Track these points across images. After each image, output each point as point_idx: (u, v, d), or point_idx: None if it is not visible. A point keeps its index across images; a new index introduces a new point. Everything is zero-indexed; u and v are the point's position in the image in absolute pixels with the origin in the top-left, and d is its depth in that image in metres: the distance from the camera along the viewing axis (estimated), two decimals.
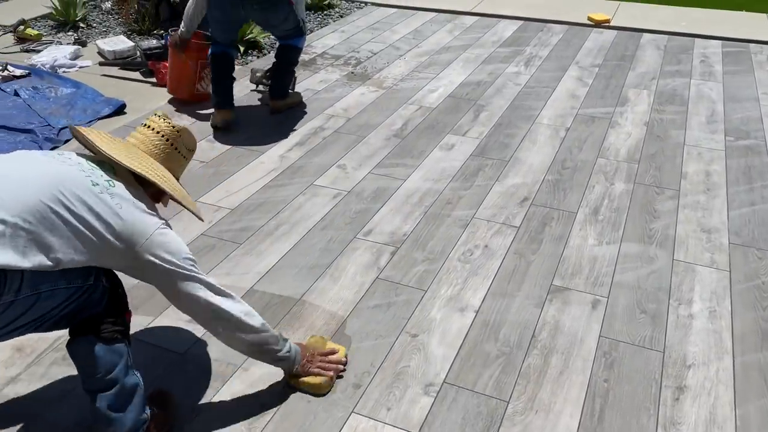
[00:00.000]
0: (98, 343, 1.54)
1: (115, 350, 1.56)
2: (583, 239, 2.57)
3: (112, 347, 1.56)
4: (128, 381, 1.59)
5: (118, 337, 1.57)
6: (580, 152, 3.25)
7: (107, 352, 1.55)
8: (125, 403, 1.58)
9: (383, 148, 3.30)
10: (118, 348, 1.57)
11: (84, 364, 1.55)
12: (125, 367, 1.58)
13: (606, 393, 1.89)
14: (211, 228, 2.65)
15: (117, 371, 1.56)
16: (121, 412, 1.57)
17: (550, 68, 4.33)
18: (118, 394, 1.56)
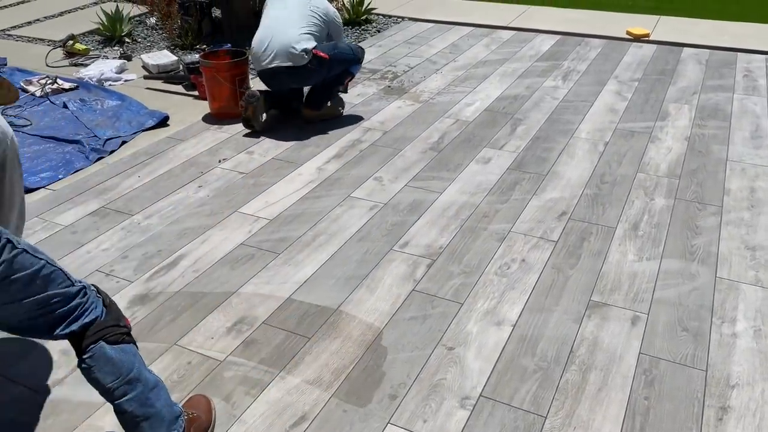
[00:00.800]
0: (109, 347, 1.55)
1: (128, 350, 1.59)
2: (622, 255, 2.54)
3: (124, 349, 1.58)
4: (149, 378, 1.61)
5: (125, 338, 1.59)
6: (619, 167, 3.21)
7: (120, 353, 1.57)
8: (154, 398, 1.60)
9: (419, 161, 3.32)
10: (130, 348, 1.59)
11: (102, 374, 1.54)
12: (141, 363, 1.61)
13: (646, 411, 1.86)
14: (250, 238, 2.70)
15: (136, 370, 1.58)
16: (152, 407, 1.59)
17: (589, 82, 4.30)
18: (144, 392, 1.58)
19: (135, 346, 1.62)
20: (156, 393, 1.61)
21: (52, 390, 1.95)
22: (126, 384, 1.56)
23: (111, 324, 1.58)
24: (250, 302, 2.31)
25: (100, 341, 1.55)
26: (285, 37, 3.44)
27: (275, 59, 3.46)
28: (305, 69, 3.49)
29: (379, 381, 1.97)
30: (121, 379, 1.55)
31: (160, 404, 1.62)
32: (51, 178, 3.18)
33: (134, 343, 1.63)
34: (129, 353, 1.59)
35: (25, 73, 4.48)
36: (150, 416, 1.59)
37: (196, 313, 2.26)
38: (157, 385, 1.63)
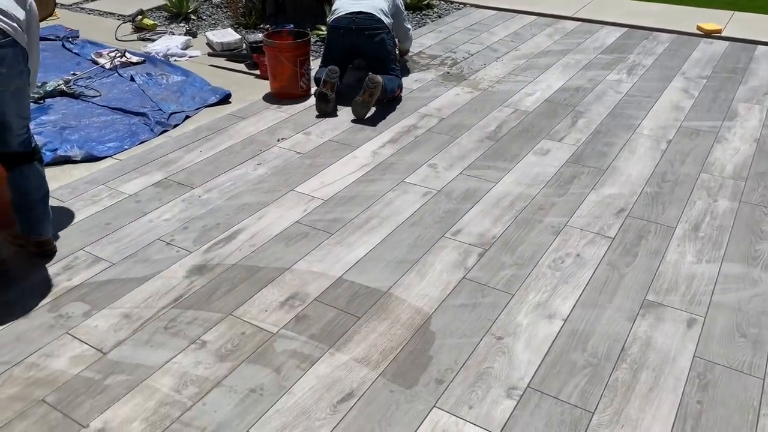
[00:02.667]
0: (40, 165, 2.38)
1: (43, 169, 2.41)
2: (681, 255, 2.48)
3: (42, 167, 2.41)
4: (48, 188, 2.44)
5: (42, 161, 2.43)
6: (682, 166, 3.12)
7: (42, 170, 2.39)
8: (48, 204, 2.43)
9: (475, 149, 3.30)
10: (43, 169, 2.42)
11: (31, 183, 2.34)
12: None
13: (698, 415, 1.82)
14: (305, 216, 2.74)
15: (46, 183, 2.41)
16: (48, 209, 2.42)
17: (654, 78, 4.18)
18: (47, 197, 2.42)
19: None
20: (48, 201, 2.42)
21: (114, 350, 2.04)
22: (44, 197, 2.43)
23: (40, 150, 2.42)
24: (303, 279, 2.36)
25: (36, 161, 2.35)
26: (372, 1, 3.78)
27: (361, 6, 3.72)
28: (379, 35, 3.68)
29: (426, 365, 1.99)
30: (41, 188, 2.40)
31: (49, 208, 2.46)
32: (117, 148, 3.30)
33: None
34: (43, 171, 2.41)
35: (95, 45, 4.64)
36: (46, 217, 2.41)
37: (251, 286, 2.32)
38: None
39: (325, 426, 1.78)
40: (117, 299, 2.25)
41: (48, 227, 2.44)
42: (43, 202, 2.40)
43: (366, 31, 3.68)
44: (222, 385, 1.91)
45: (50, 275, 2.36)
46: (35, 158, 2.35)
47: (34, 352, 2.02)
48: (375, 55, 3.75)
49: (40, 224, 2.41)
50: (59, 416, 1.81)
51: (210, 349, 2.04)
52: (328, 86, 3.61)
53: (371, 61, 3.81)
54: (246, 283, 2.33)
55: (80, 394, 1.88)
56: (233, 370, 1.96)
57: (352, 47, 3.77)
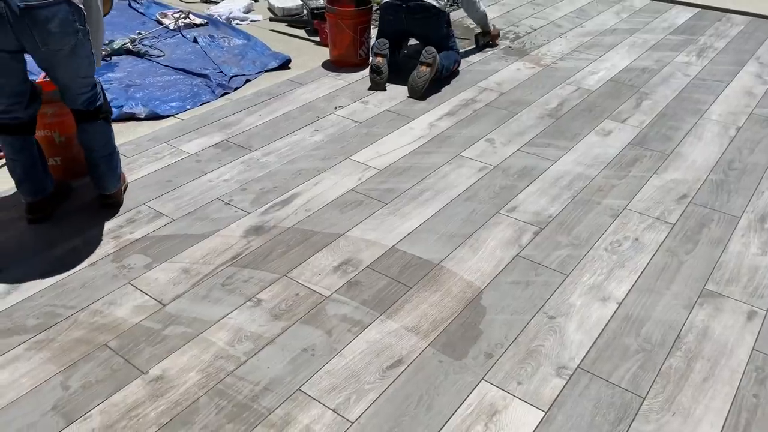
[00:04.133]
0: (106, 124, 2.44)
1: (111, 129, 2.49)
2: (744, 246, 2.40)
3: (110, 127, 2.48)
4: (116, 147, 2.52)
5: (110, 120, 2.50)
6: (751, 154, 3.00)
7: (108, 129, 2.46)
8: (117, 161, 2.52)
9: (535, 126, 3.24)
10: (111, 127, 2.49)
11: (96, 141, 2.42)
12: (114, 139, 2.50)
13: (754, 409, 1.78)
14: (359, 185, 2.76)
15: (113, 141, 2.49)
16: (116, 166, 2.52)
17: (726, 61, 4.01)
18: (115, 155, 2.50)
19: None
20: (118, 159, 2.52)
21: (172, 303, 2.11)
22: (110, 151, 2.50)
23: (108, 110, 2.46)
24: (357, 246, 2.38)
25: (102, 119, 2.40)
26: None
27: None
28: (430, 19, 3.55)
29: (476, 338, 1.99)
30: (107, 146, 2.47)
31: (118, 165, 2.53)
32: (179, 108, 3.37)
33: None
34: (112, 130, 2.48)
35: (160, 6, 4.72)
36: (113, 172, 2.50)
37: (305, 250, 2.35)
38: (118, 153, 2.51)
39: (374, 389, 1.81)
40: (177, 254, 2.32)
41: (112, 183, 2.49)
42: (108, 159, 2.44)
43: (416, 15, 3.58)
44: (275, 342, 1.96)
45: (114, 227, 2.45)
46: (100, 116, 2.37)
47: (98, 299, 2.11)
48: (427, 37, 3.69)
49: (104, 180, 2.47)
50: (121, 361, 1.89)
51: (265, 307, 2.09)
52: (379, 58, 3.58)
53: (426, 42, 3.75)
54: (301, 246, 2.37)
55: (141, 342, 1.96)
56: (286, 330, 2.01)
57: (404, 29, 3.71)
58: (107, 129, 2.44)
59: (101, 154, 2.43)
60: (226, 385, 1.82)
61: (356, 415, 1.74)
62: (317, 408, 1.76)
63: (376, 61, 3.59)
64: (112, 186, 2.50)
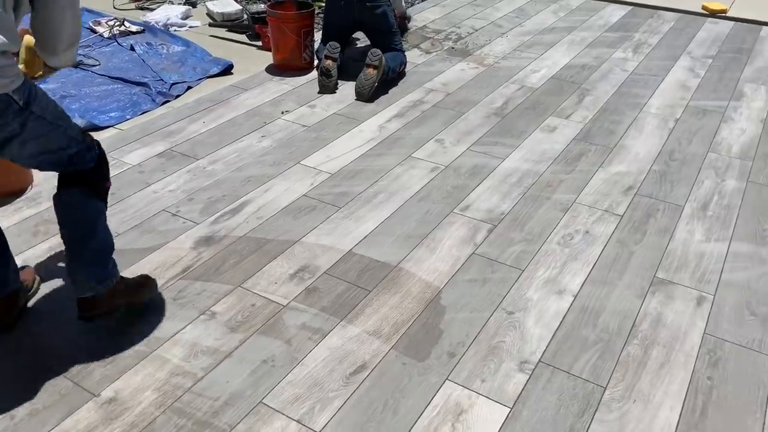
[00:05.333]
0: (83, 197, 1.79)
1: (96, 206, 1.83)
2: (689, 234, 2.48)
3: (94, 203, 1.83)
4: (104, 236, 1.86)
5: (97, 195, 1.83)
6: (689, 145, 3.11)
7: (89, 205, 1.81)
8: (97, 255, 1.85)
9: (482, 125, 3.27)
10: (98, 205, 1.84)
11: (68, 215, 1.80)
12: (104, 224, 1.86)
13: (709, 391, 1.83)
14: (312, 190, 2.72)
15: (97, 224, 1.83)
16: (93, 261, 1.83)
17: (660, 56, 4.15)
18: (93, 245, 1.83)
19: (105, 206, 1.87)
20: (101, 253, 1.85)
21: None
22: (85, 230, 1.82)
23: (90, 178, 1.82)
24: (312, 252, 2.34)
25: (76, 188, 1.78)
26: None
27: None
28: (380, 7, 3.59)
29: (437, 338, 1.98)
30: (85, 225, 1.82)
31: (99, 261, 1.85)
32: (119, 118, 3.24)
33: (105, 203, 1.87)
34: (96, 209, 1.84)
35: (93, 14, 4.55)
36: (84, 268, 1.82)
37: (259, 259, 2.30)
38: (106, 246, 1.87)
39: (339, 397, 1.78)
40: (124, 270, 2.22)
41: (84, 283, 1.82)
42: (80, 246, 1.80)
43: (367, 2, 3.60)
44: (233, 356, 1.90)
45: (56, 244, 2.33)
46: (75, 184, 1.77)
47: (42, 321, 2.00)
48: (376, 28, 3.68)
49: (73, 274, 1.83)
50: (69, 384, 1.79)
51: (220, 320, 2.03)
52: (329, 62, 3.55)
53: (373, 34, 3.75)
54: (254, 255, 2.31)
55: (90, 363, 1.86)
56: (244, 342, 1.95)
57: (353, 20, 3.69)
58: (86, 204, 1.79)
59: (72, 235, 1.79)
60: (184, 402, 1.75)
61: (321, 425, 1.70)
62: (281, 420, 1.71)
63: (326, 64, 3.55)
64: (83, 286, 1.82)
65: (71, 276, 1.85)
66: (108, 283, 1.86)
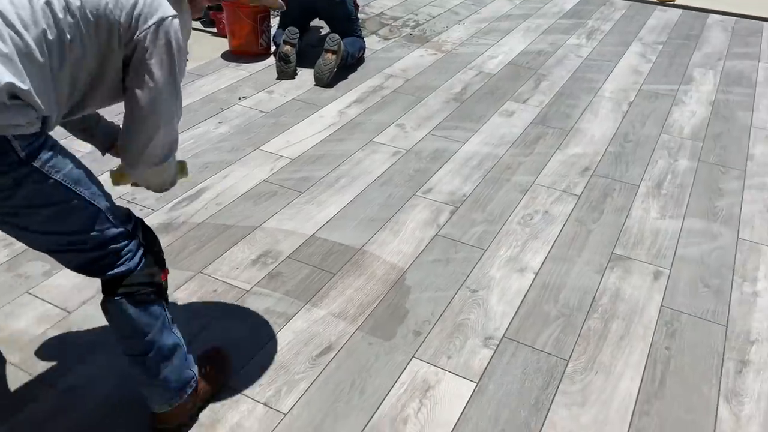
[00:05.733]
0: (131, 306, 1.41)
1: (151, 313, 1.45)
2: (645, 212, 2.54)
3: (147, 309, 1.44)
4: (166, 342, 1.49)
5: (153, 298, 1.45)
6: (643, 127, 3.19)
7: (141, 314, 1.43)
8: (162, 367, 1.49)
9: (442, 110, 3.28)
10: (154, 310, 1.46)
11: (115, 326, 1.46)
12: (162, 328, 1.48)
13: (667, 361, 1.88)
14: (272, 175, 2.68)
15: (153, 334, 1.45)
16: (159, 375, 1.49)
17: (613, 42, 4.24)
18: (153, 358, 1.47)
19: (163, 304, 1.49)
20: (168, 362, 1.50)
21: (78, 309, 1.96)
22: (137, 345, 1.46)
23: (143, 282, 1.42)
24: (274, 237, 2.32)
25: (123, 297, 1.40)
26: None
27: None
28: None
29: (403, 317, 1.99)
30: (134, 339, 1.45)
31: (168, 372, 1.50)
32: None
33: (163, 300, 1.49)
34: (152, 315, 1.45)
35: None
36: (152, 384, 1.51)
37: (220, 244, 2.26)
38: (172, 352, 1.51)
39: (305, 379, 1.77)
40: None
41: (156, 398, 1.55)
42: (140, 362, 1.49)
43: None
44: (196, 341, 1.86)
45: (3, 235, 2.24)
46: (118, 292, 1.41)
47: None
48: (334, 14, 3.66)
49: (143, 389, 1.56)
50: (25, 375, 1.73)
51: (181, 306, 1.98)
52: (288, 47, 3.51)
53: (331, 21, 3.72)
54: (215, 241, 2.27)
55: (46, 354, 1.80)
56: (206, 327, 1.92)
57: (311, 6, 3.66)
58: (136, 314, 1.44)
59: (129, 349, 1.50)
60: None
61: (288, 406, 1.69)
62: (247, 403, 1.69)
63: (284, 50, 3.51)
64: (155, 401, 1.56)
65: (142, 391, 1.56)
66: (182, 397, 1.57)
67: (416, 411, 1.69)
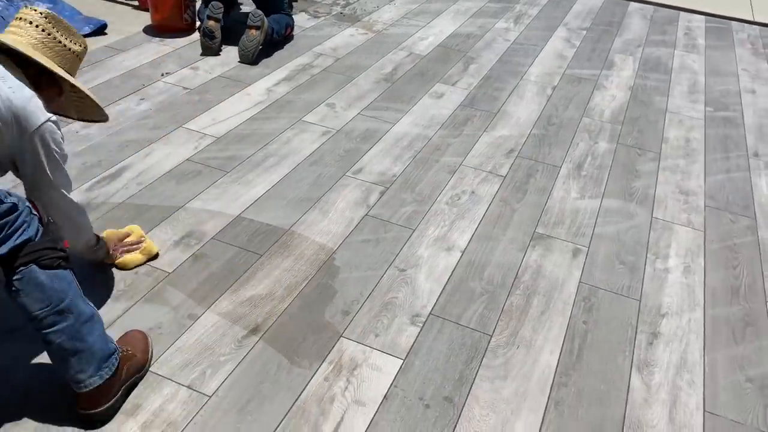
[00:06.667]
0: (41, 272, 1.37)
1: (62, 277, 1.41)
2: (566, 192, 2.63)
3: (58, 274, 1.40)
4: (84, 309, 1.45)
5: (61, 263, 1.41)
6: (565, 110, 3.29)
7: (53, 279, 1.39)
8: (86, 332, 1.45)
9: (372, 90, 3.28)
10: (64, 275, 1.42)
11: (30, 300, 1.38)
12: (76, 294, 1.44)
13: (585, 334, 1.97)
14: (196, 154, 2.61)
15: (69, 299, 1.41)
16: (82, 342, 1.44)
17: (539, 27, 4.34)
18: (74, 324, 1.42)
19: (72, 272, 1.45)
20: (89, 326, 1.46)
21: None
22: (55, 314, 1.40)
23: (46, 246, 1.39)
24: (199, 218, 2.26)
25: (31, 264, 1.36)
26: None
27: None
28: None
29: (331, 297, 1.98)
30: (51, 307, 1.39)
31: (93, 339, 1.46)
32: None
33: (71, 269, 1.46)
34: (63, 280, 1.41)
35: None
36: (79, 351, 1.45)
37: (141, 226, 2.18)
38: (92, 317, 1.47)
39: (231, 360, 1.74)
40: None
41: (75, 374, 1.48)
42: (63, 331, 1.43)
43: None
44: (116, 325, 1.80)
45: None
46: (21, 261, 1.37)
47: None
48: None
49: (59, 366, 1.48)
50: None
51: (105, 286, 1.91)
52: (212, 22, 3.41)
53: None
54: (136, 222, 2.19)
55: None
56: (128, 310, 1.85)
57: None
58: (48, 279, 1.39)
59: (49, 322, 1.41)
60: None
61: (213, 389, 1.66)
62: (170, 387, 1.65)
63: (209, 25, 3.39)
64: (83, 372, 1.48)
65: (59, 369, 1.49)
66: (109, 368, 1.52)
67: (343, 390, 1.70)
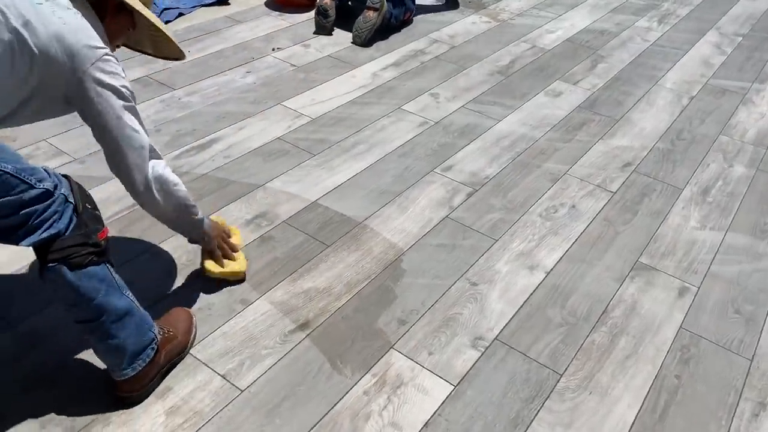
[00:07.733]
0: (69, 271, 1.30)
1: (93, 275, 1.33)
2: (684, 219, 2.29)
3: (88, 273, 1.32)
4: (117, 306, 1.39)
5: (93, 259, 1.33)
6: (701, 125, 2.89)
7: (83, 279, 1.32)
8: (117, 330, 1.40)
9: (483, 83, 3.06)
10: (96, 272, 1.34)
11: (59, 296, 1.35)
12: (109, 291, 1.37)
13: (675, 390, 1.68)
14: (288, 133, 2.55)
15: (100, 299, 1.35)
16: (113, 339, 1.40)
17: (687, 29, 3.87)
18: (105, 322, 1.38)
19: (107, 266, 1.37)
20: (121, 324, 1.40)
21: None
22: (85, 312, 1.36)
23: (76, 243, 1.30)
24: (276, 198, 2.20)
25: (58, 263, 1.29)
26: None
27: None
28: None
29: (390, 302, 1.84)
30: (79, 307, 1.35)
31: (125, 335, 1.41)
32: None
33: (106, 263, 1.37)
34: (94, 278, 1.33)
35: None
36: (110, 348, 1.42)
37: (217, 200, 2.15)
38: (126, 313, 1.41)
39: (272, 355, 1.65)
40: None
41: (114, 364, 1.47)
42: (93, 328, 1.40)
43: None
44: (168, 298, 1.77)
45: None
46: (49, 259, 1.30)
47: None
48: None
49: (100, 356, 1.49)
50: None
51: (164, 258, 1.90)
52: (328, 1, 3.33)
53: None
54: (213, 196, 2.17)
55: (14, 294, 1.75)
56: (184, 285, 1.82)
57: None
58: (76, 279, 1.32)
59: (79, 317, 1.40)
60: None
61: (247, 383, 1.58)
62: (205, 373, 1.60)
63: (323, 3, 3.34)
64: (116, 367, 1.47)
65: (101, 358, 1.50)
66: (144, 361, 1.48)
67: (381, 408, 1.56)
